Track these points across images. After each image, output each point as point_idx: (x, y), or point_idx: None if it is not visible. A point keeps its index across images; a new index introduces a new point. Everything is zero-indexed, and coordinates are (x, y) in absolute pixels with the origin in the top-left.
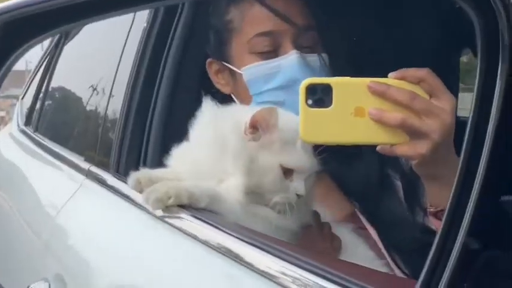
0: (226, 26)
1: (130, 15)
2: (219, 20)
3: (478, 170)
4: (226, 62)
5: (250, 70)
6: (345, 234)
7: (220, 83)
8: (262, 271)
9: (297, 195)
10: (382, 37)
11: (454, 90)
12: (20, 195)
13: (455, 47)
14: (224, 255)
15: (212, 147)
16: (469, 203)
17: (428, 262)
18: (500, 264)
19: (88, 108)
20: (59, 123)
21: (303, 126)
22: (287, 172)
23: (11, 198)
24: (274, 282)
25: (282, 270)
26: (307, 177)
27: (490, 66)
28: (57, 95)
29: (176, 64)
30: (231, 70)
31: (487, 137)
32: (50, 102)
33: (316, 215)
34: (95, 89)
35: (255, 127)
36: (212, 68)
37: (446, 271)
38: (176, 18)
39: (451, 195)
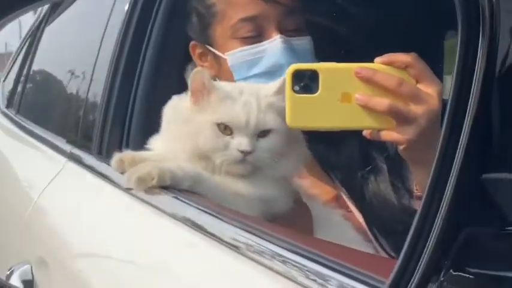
0: (208, 10)
1: None
2: (201, 3)
3: (459, 145)
4: (210, 46)
5: (235, 55)
6: (331, 216)
7: (204, 65)
8: (247, 253)
9: (241, 151)
10: (368, 20)
11: (439, 74)
12: (1, 177)
13: (439, 30)
14: (206, 236)
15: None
16: (449, 180)
17: (408, 239)
18: (481, 240)
19: (70, 90)
20: (41, 105)
21: (290, 112)
22: (226, 129)
23: None
24: (258, 263)
25: (264, 250)
26: (257, 134)
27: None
28: (38, 78)
29: (159, 46)
30: (215, 54)
31: (467, 113)
32: (32, 84)
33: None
34: (75, 73)
35: (195, 94)
36: (196, 51)
37: (426, 248)
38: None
39: (432, 171)
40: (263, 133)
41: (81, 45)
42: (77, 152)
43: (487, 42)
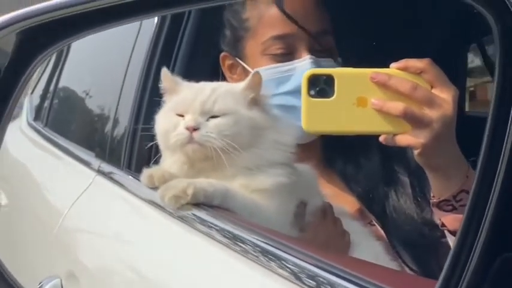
0: (242, 25)
1: None
2: (235, 17)
3: (498, 169)
4: (240, 59)
5: (264, 72)
6: (356, 229)
7: (233, 77)
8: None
9: (186, 128)
10: (396, 37)
11: (462, 83)
12: (30, 190)
13: (463, 42)
14: (237, 252)
15: None
16: (488, 203)
17: (447, 263)
18: None
19: (98, 104)
20: (69, 118)
21: (305, 116)
22: (180, 115)
23: (21, 193)
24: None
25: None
26: (207, 116)
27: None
28: (67, 90)
29: (187, 60)
30: (243, 68)
31: (507, 135)
32: (60, 97)
33: (328, 207)
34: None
35: (166, 93)
36: (226, 62)
37: (465, 272)
38: (186, 13)
39: (471, 194)
40: (214, 117)
41: (110, 58)
42: (106, 166)
43: None
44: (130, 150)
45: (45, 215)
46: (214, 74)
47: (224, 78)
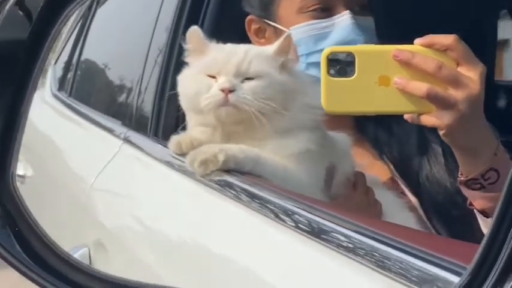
0: None
1: None
2: None
3: None
4: (272, 21)
5: (301, 29)
6: (388, 200)
7: (260, 42)
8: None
9: (221, 90)
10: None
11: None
12: (56, 161)
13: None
14: (268, 217)
15: None
16: None
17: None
18: None
19: (124, 72)
20: (94, 88)
21: (325, 96)
22: (211, 76)
23: (46, 164)
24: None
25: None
26: (241, 78)
27: None
28: (90, 60)
29: (213, 25)
30: (275, 29)
31: None
32: (84, 67)
33: (361, 176)
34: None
35: (191, 54)
36: (252, 26)
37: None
38: None
39: (503, 192)
40: (249, 78)
41: (136, 26)
42: (132, 134)
43: None
44: (157, 118)
45: (72, 185)
46: (241, 38)
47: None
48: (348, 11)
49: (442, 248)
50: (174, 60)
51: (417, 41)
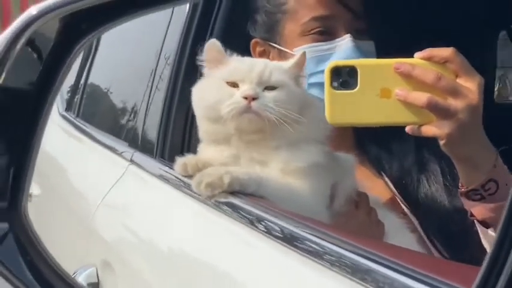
0: (279, 8)
1: None
2: (270, 1)
3: None
4: (275, 43)
5: (304, 51)
6: (391, 221)
7: None
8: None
9: (244, 97)
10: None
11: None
12: (63, 180)
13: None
14: (271, 239)
15: None
16: None
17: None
18: None
19: (130, 94)
20: (101, 109)
21: (329, 108)
22: (233, 85)
23: (53, 183)
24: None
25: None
26: (263, 87)
27: None
28: (99, 81)
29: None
30: (278, 51)
31: None
32: (92, 87)
33: (364, 196)
34: (136, 77)
35: (208, 64)
36: (256, 48)
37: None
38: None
39: (503, 214)
40: (269, 88)
41: (142, 48)
42: (139, 155)
43: None
44: (164, 139)
45: (78, 205)
46: None
47: None
48: (349, 35)
49: (443, 271)
50: (180, 83)
51: (417, 54)
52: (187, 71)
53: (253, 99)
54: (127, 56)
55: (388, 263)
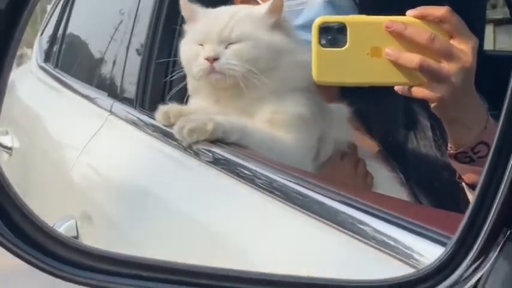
0: None
1: None
2: None
3: None
4: None
5: None
6: (380, 173)
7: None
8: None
9: (206, 59)
10: None
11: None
12: (42, 132)
13: None
14: (253, 188)
15: None
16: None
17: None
18: None
19: (110, 43)
20: (80, 59)
21: (316, 66)
22: (200, 44)
23: (33, 135)
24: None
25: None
26: (226, 43)
27: None
28: (77, 31)
29: None
30: (256, 2)
31: None
32: (70, 38)
33: (351, 146)
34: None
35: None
36: None
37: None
38: None
39: (488, 159)
40: (233, 43)
41: None
42: (118, 105)
43: None
44: (143, 89)
45: (58, 157)
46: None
47: None
48: None
49: (426, 218)
50: (160, 30)
51: (409, 12)
52: (167, 17)
53: (215, 59)
54: (106, 4)
55: (371, 209)
